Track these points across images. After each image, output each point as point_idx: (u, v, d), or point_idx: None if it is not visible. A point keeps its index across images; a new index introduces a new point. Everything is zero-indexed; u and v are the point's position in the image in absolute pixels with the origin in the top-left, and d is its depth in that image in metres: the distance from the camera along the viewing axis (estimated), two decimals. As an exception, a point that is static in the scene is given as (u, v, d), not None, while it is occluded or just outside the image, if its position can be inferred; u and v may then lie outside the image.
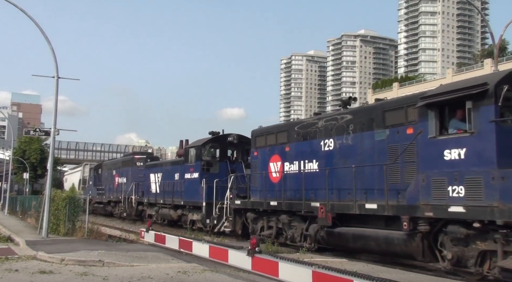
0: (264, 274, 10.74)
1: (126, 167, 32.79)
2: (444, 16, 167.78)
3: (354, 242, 13.03)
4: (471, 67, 73.05)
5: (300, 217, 15.20)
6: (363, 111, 13.79)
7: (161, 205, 26.31)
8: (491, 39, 23.68)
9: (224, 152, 22.93)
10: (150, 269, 11.34)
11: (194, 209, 22.66)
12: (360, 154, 13.33)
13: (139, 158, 31.61)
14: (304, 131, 15.66)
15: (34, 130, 22.77)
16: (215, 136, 23.04)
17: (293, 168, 15.97)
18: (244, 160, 22.56)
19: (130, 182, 31.00)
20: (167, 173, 26.12)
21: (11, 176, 48.85)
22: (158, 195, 26.91)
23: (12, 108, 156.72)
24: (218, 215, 20.27)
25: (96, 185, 39.50)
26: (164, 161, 30.52)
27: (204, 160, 22.41)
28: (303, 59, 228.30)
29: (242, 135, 22.98)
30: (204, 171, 22.06)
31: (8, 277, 10.18)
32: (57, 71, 18.75)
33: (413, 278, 10.35)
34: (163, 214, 25.98)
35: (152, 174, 28.36)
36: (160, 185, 26.81)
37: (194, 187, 22.30)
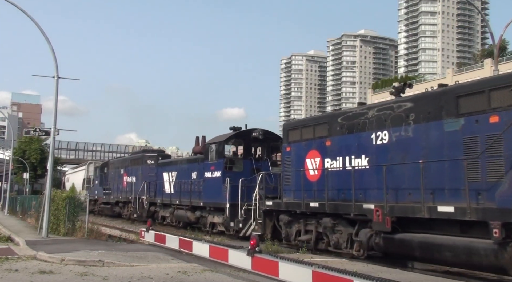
0: (264, 274, 10.73)
1: (135, 165, 31.06)
2: (444, 16, 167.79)
3: (422, 251, 10.93)
4: (471, 67, 73.08)
5: (346, 221, 13.34)
6: (428, 97, 11.70)
7: (177, 206, 24.63)
8: (491, 39, 23.69)
9: (248, 149, 21.15)
10: (150, 269, 11.34)
11: (215, 211, 21.03)
12: (424, 148, 11.43)
13: (150, 156, 29.80)
14: (350, 123, 13.81)
15: (34, 130, 22.78)
16: (238, 132, 21.19)
17: (335, 165, 14.11)
18: (269, 157, 21.05)
19: (141, 181, 29.30)
20: (183, 172, 24.54)
21: (11, 176, 48.85)
22: (173, 195, 25.24)
23: (12, 108, 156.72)
24: (244, 217, 18.57)
25: (102, 185, 37.74)
26: (179, 159, 28.58)
27: (227, 157, 20.83)
28: (303, 59, 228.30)
29: (268, 131, 21.50)
30: (227, 170, 20.29)
31: (8, 277, 10.18)
32: (57, 71, 18.76)
33: (413, 278, 10.35)
34: (179, 215, 24.37)
35: (166, 172, 26.72)
36: (175, 184, 25.16)
37: (215, 187, 20.59)
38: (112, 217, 34.53)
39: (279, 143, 19.94)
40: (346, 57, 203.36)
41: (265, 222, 16.83)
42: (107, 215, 36.09)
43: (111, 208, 34.93)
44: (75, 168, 56.53)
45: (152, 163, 29.10)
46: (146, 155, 30.17)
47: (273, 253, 11.84)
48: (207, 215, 21.66)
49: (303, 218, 15.10)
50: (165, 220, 26.06)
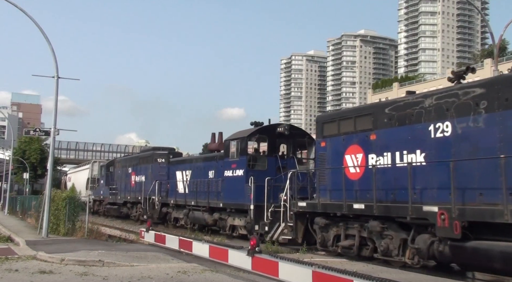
0: (264, 274, 10.73)
1: (144, 164, 29.40)
2: (444, 16, 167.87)
3: (505, 262, 9.22)
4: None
5: (398, 224, 11.72)
6: (506, 82, 10.08)
7: (192, 207, 22.94)
8: (491, 39, 23.68)
9: (273, 145, 19.42)
10: (150, 269, 11.34)
11: (236, 213, 19.39)
12: (502, 141, 9.81)
13: (161, 154, 28.14)
14: (401, 114, 12.20)
15: (34, 130, 22.77)
16: (262, 127, 19.62)
17: (382, 161, 12.54)
18: (295, 154, 19.53)
19: (151, 180, 27.65)
20: (199, 170, 23.00)
21: (11, 176, 48.86)
22: (188, 196, 23.61)
23: (12, 108, 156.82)
24: (270, 220, 16.92)
25: (108, 184, 35.84)
26: (193, 157, 26.56)
27: (250, 154, 19.21)
28: (303, 59, 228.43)
29: (294, 126, 20.18)
30: (250, 168, 18.62)
31: (8, 277, 10.18)
32: (57, 71, 18.77)
33: (413, 278, 10.34)
34: (195, 217, 22.60)
35: (179, 171, 25.16)
36: (190, 184, 23.65)
37: (237, 187, 18.92)
38: (120, 218, 32.95)
39: (305, 139, 19.34)
40: (346, 57, 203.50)
41: (297, 225, 15.14)
42: (114, 216, 34.45)
43: (118, 209, 33.23)
44: (77, 167, 54.71)
45: (163, 161, 27.62)
46: (156, 152, 28.57)
47: (273, 253, 11.85)
48: (227, 217, 20.07)
49: (343, 221, 13.48)
50: (178, 222, 24.73)
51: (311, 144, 19.23)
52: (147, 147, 33.12)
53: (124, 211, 31.95)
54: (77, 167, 54.52)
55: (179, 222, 24.44)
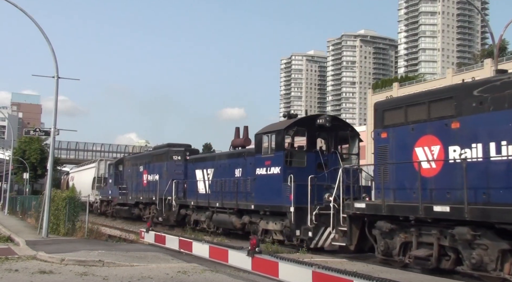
0: (264, 275, 10.75)
1: (158, 162, 27.41)
2: (444, 16, 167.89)
3: None
4: (471, 67, 73.04)
5: (495, 232, 9.80)
6: None
7: (217, 209, 20.80)
8: (491, 39, 23.70)
9: (313, 139, 17.26)
10: (150, 269, 11.35)
11: (271, 216, 17.14)
12: None
13: (177, 151, 26.23)
14: (498, 96, 10.17)
15: (34, 130, 22.78)
16: (300, 118, 17.67)
17: (470, 154, 10.56)
18: (337, 149, 17.41)
19: (166, 179, 25.73)
20: (223, 169, 21.09)
21: (11, 176, 48.86)
22: (211, 197, 21.49)
23: (12, 108, 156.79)
24: (315, 224, 14.89)
25: (117, 184, 33.60)
26: (216, 154, 24.11)
27: (288, 149, 17.04)
28: (303, 59, 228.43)
29: (336, 117, 18.20)
30: (288, 164, 16.49)
31: (8, 277, 10.18)
32: (57, 71, 18.77)
33: (413, 278, 10.35)
34: (220, 221, 20.54)
35: (199, 170, 23.13)
36: (213, 183, 21.69)
37: (272, 186, 16.75)
38: (130, 220, 30.79)
39: (348, 132, 17.61)
40: (346, 57, 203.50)
41: (351, 229, 13.11)
42: (124, 217, 32.24)
43: (129, 210, 30.94)
44: (81, 166, 51.70)
45: (178, 159, 25.78)
46: (171, 149, 26.47)
47: (273, 254, 11.85)
48: (259, 220, 17.82)
49: (416, 227, 11.42)
50: (198, 225, 22.72)
51: (354, 138, 17.69)
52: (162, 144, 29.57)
53: (136, 212, 29.84)
54: (80, 166, 51.29)
55: (200, 225, 22.53)
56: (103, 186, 38.42)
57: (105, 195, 37.19)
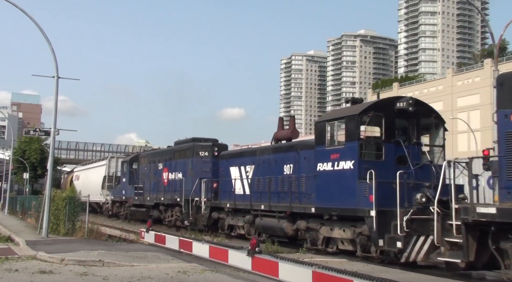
0: (264, 274, 10.75)
1: (182, 158, 24.71)
2: (444, 16, 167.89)
3: None
4: (471, 67, 73.09)
5: None
6: None
7: (261, 213, 17.84)
8: (491, 39, 23.69)
9: (391, 127, 14.02)
10: (150, 269, 11.35)
11: (337, 221, 14.25)
12: None
13: (204, 146, 23.55)
14: None
15: (34, 130, 22.79)
16: (377, 101, 14.81)
17: None
18: (419, 139, 14.21)
19: (191, 178, 23.07)
20: (267, 165, 18.30)
21: (11, 176, 48.86)
22: (253, 198, 18.47)
23: (12, 108, 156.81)
24: (406, 232, 11.91)
25: (132, 183, 30.65)
26: (257, 148, 21.15)
27: (363, 139, 13.93)
28: (303, 59, 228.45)
29: (419, 100, 14.69)
30: (363, 157, 13.59)
31: (8, 277, 10.19)
32: (57, 71, 18.78)
33: (413, 278, 10.35)
34: (267, 226, 17.45)
35: (235, 167, 20.29)
36: (253, 182, 18.79)
37: (342, 184, 13.87)
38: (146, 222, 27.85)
39: (431, 119, 14.47)
40: (346, 57, 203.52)
41: (467, 241, 10.30)
42: (141, 220, 28.82)
43: (147, 212, 27.98)
44: (87, 164, 47.55)
45: (205, 155, 23.21)
46: (198, 144, 23.78)
47: (273, 253, 11.84)
48: (319, 226, 14.82)
49: None
50: (234, 230, 19.96)
51: (438, 126, 14.65)
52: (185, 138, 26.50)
53: (155, 215, 26.74)
54: (87, 164, 47.34)
55: (236, 230, 19.80)
56: (115, 186, 35.21)
57: (117, 195, 34.17)
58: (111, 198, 35.29)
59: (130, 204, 30.77)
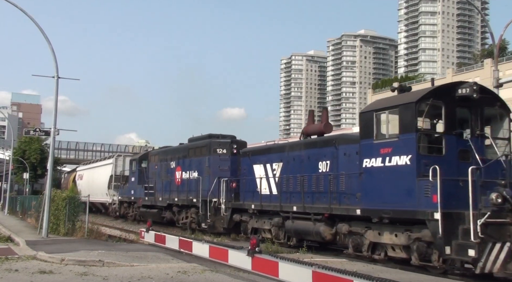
0: (264, 274, 10.74)
1: (197, 156, 23.06)
2: (444, 16, 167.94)
3: None
4: (471, 67, 73.14)
5: None
6: None
7: (293, 215, 15.96)
8: (491, 39, 23.67)
9: (452, 117, 12.33)
10: (150, 269, 11.35)
11: (388, 225, 12.60)
12: None
13: (221, 143, 22.09)
14: None
15: (34, 130, 22.78)
16: (437, 88, 12.79)
17: None
18: (483, 131, 12.55)
19: (208, 177, 21.54)
20: (298, 162, 16.59)
21: (11, 176, 48.86)
22: (282, 198, 16.74)
23: (12, 108, 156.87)
24: (481, 239, 10.19)
25: (141, 183, 29.14)
26: (286, 143, 19.58)
27: (422, 131, 12.24)
28: (303, 59, 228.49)
29: (484, 87, 12.90)
30: (421, 152, 11.87)
31: (8, 277, 10.19)
32: (57, 71, 18.78)
33: (413, 278, 10.35)
34: (300, 230, 15.69)
35: (259, 164, 18.67)
36: (282, 181, 17.03)
37: (397, 183, 12.17)
38: (159, 225, 24.64)
39: (496, 108, 12.78)
40: (346, 57, 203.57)
41: None
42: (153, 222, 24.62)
43: (158, 213, 26.20)
44: (92, 163, 45.45)
45: (224, 152, 21.80)
46: (215, 141, 22.26)
47: (273, 253, 11.84)
48: (364, 230, 13.20)
49: None
50: (258, 234, 18.06)
51: (503, 116, 12.89)
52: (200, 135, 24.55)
53: (168, 216, 25.29)
54: (92, 163, 45.21)
55: (261, 234, 18.02)
56: (122, 185, 33.25)
57: (126, 195, 32.16)
58: (119, 198, 33.44)
59: (139, 205, 29.08)
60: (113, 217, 34.69)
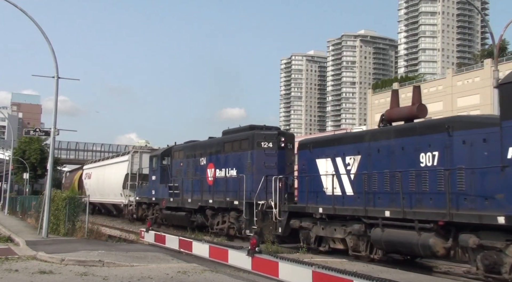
0: (264, 274, 10.74)
1: (235, 151, 20.21)
2: (444, 16, 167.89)
3: None
4: (471, 67, 73.09)
5: None
6: None
7: (383, 222, 12.25)
8: (491, 39, 23.68)
9: None
10: (150, 269, 11.36)
11: None
12: None
13: (268, 135, 18.98)
14: None
15: (34, 131, 22.77)
16: None
17: None
18: None
19: (253, 175, 18.61)
20: (386, 154, 12.96)
21: (11, 176, 48.87)
22: (360, 200, 13.27)
23: (12, 108, 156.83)
24: None
25: (165, 182, 25.97)
26: (366, 131, 16.79)
27: None
28: (303, 59, 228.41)
29: None
30: None
31: (8, 277, 10.20)
32: (57, 71, 18.79)
33: (413, 278, 10.35)
34: (398, 241, 11.93)
35: (325, 159, 15.01)
36: (359, 179, 13.50)
37: None
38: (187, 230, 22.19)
39: None
40: (346, 57, 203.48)
41: None
42: (179, 226, 23.88)
43: (187, 217, 22.99)
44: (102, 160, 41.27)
45: (270, 146, 18.77)
46: (259, 133, 19.19)
47: (273, 253, 11.84)
48: (504, 244, 9.73)
49: None
50: (324, 243, 14.72)
51: None
52: (238, 127, 21.77)
53: (199, 221, 22.29)
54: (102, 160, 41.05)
55: (329, 244, 14.53)
56: (141, 185, 29.98)
57: (145, 195, 28.70)
58: (136, 198, 29.79)
59: (163, 206, 25.70)
60: (129, 219, 31.03)
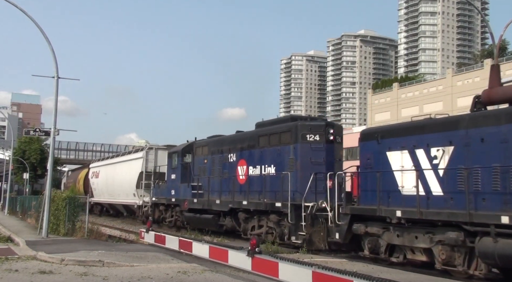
0: (264, 275, 10.75)
1: (273, 146, 17.71)
2: (444, 16, 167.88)
3: None
4: (471, 67, 73.10)
5: None
6: None
7: (497, 229, 9.68)
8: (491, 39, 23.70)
9: None
10: (150, 269, 11.36)
11: None
12: None
13: (314, 126, 16.60)
14: None
15: (34, 131, 22.76)
16: None
17: None
18: None
19: (297, 173, 16.24)
20: (491, 144, 10.47)
21: (11, 176, 48.87)
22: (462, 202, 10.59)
23: (12, 109, 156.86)
24: None
25: (186, 181, 23.53)
26: (455, 117, 12.40)
27: None
28: (303, 59, 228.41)
29: None
30: None
31: (8, 277, 10.20)
32: (57, 71, 18.79)
33: (413, 278, 10.36)
34: None
35: (399, 151, 12.62)
36: (454, 176, 11.07)
37: None
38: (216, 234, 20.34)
39: None
40: (346, 57, 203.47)
41: None
42: (202, 230, 21.30)
43: (214, 220, 20.53)
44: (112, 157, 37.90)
45: (317, 140, 16.35)
46: (304, 124, 16.80)
47: (273, 254, 11.83)
48: None
49: None
50: (396, 252, 12.49)
51: None
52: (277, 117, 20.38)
53: (228, 224, 19.83)
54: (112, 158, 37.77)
55: (407, 253, 12.22)
56: (158, 184, 27.66)
57: (163, 196, 26.07)
58: (153, 199, 27.09)
59: (185, 208, 23.12)
60: (143, 222, 27.83)
